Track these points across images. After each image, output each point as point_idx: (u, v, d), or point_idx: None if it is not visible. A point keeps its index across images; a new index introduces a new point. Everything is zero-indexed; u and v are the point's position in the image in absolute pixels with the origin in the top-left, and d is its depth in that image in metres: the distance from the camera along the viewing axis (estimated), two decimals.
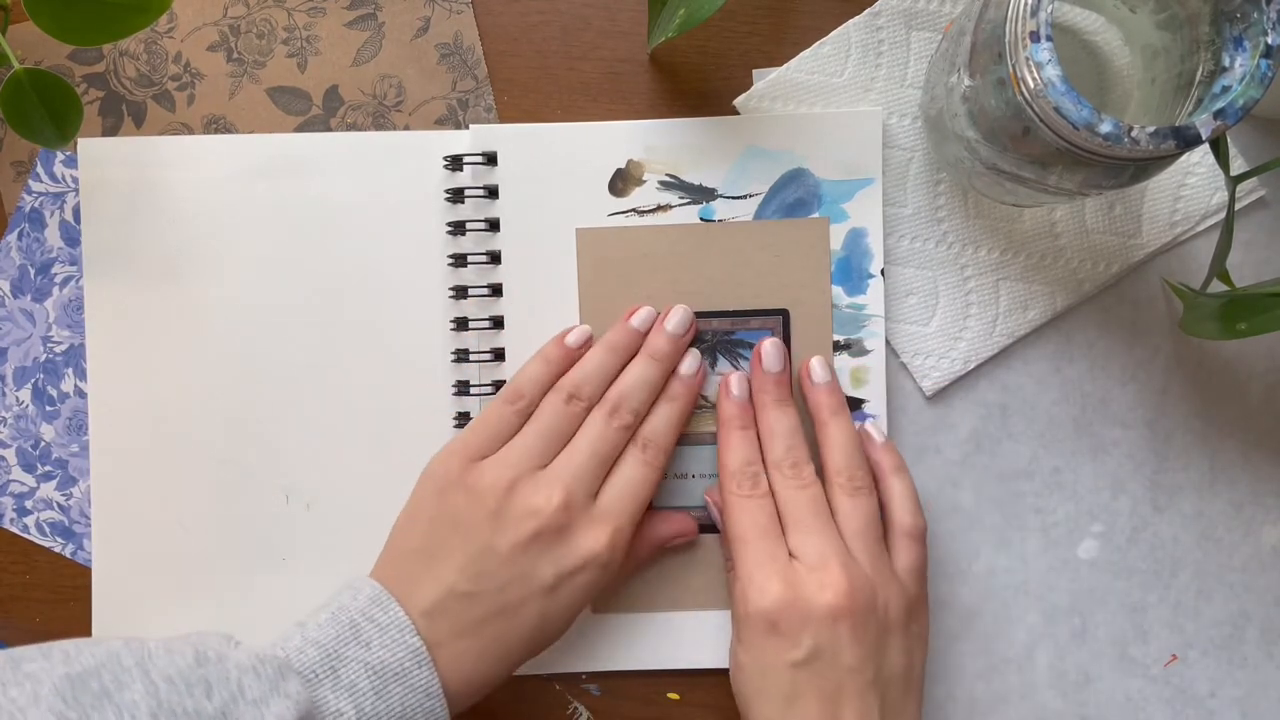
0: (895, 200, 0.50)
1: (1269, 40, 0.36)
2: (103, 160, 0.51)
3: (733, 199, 0.50)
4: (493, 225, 0.50)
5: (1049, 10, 0.36)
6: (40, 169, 0.51)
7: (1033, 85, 0.37)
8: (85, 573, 0.51)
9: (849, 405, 0.49)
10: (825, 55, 0.50)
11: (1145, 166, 0.40)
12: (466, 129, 0.51)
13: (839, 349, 0.50)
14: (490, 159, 0.50)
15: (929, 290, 0.50)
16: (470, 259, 0.50)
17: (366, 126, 0.51)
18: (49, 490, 0.51)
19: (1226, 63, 0.37)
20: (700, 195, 0.50)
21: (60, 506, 0.51)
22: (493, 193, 0.50)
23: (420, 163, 0.50)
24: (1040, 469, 0.50)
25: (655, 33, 0.48)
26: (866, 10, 0.50)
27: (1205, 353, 0.50)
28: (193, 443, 0.51)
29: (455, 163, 0.50)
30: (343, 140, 0.51)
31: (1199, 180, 0.49)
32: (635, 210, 0.50)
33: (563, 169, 0.50)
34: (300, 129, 0.51)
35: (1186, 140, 0.36)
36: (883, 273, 0.50)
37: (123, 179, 0.51)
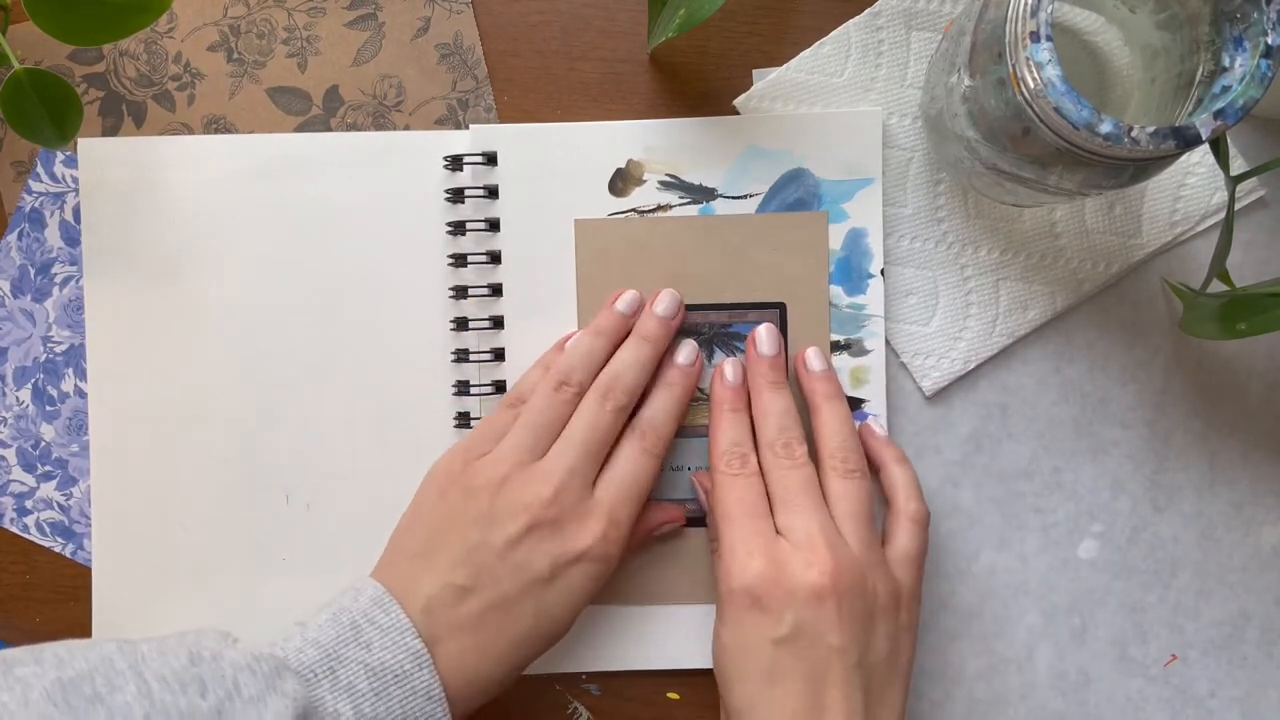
0: (895, 200, 0.50)
1: (1269, 40, 0.36)
2: (103, 160, 0.51)
3: (733, 199, 0.50)
4: (493, 225, 0.50)
5: (1049, 10, 0.36)
6: (40, 169, 0.51)
7: (1033, 85, 0.37)
8: (85, 573, 0.51)
9: (850, 405, 0.49)
10: (825, 55, 0.50)
11: (1145, 166, 0.40)
12: (466, 129, 0.51)
13: (839, 349, 0.50)
14: (490, 159, 0.50)
15: (929, 290, 0.50)
16: (470, 259, 0.50)
17: (366, 126, 0.51)
18: (49, 490, 0.51)
19: (1226, 63, 0.37)
20: (700, 195, 0.50)
21: (60, 506, 0.51)
22: (493, 193, 0.50)
23: (420, 163, 0.50)
24: (1040, 469, 0.50)
25: (655, 33, 0.48)
26: (866, 10, 0.50)
27: (1205, 353, 0.50)
28: (193, 443, 0.51)
29: (455, 163, 0.50)
30: (343, 140, 0.51)
31: (1199, 180, 0.49)
32: (635, 210, 0.50)
33: (563, 169, 0.50)
34: (300, 129, 0.51)
35: (1186, 140, 0.36)
36: (882, 273, 0.50)
37: (123, 179, 0.51)
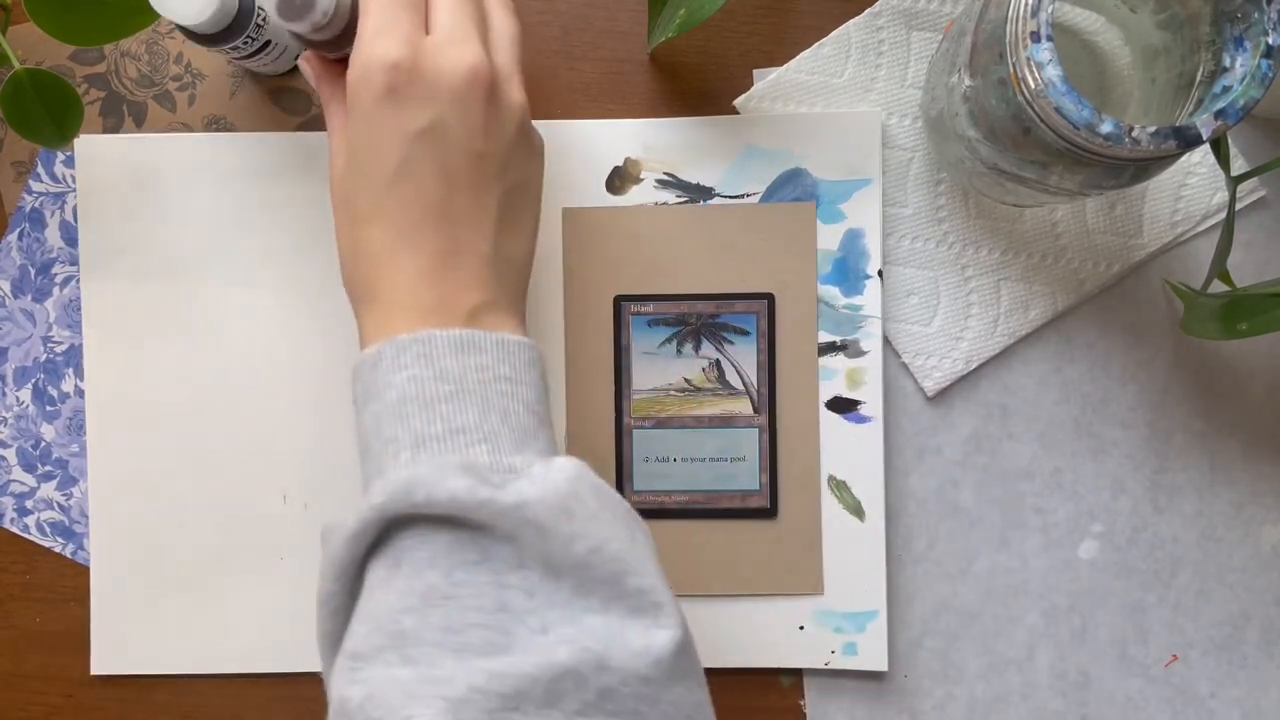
0: (896, 200, 0.50)
1: (1269, 40, 0.36)
2: (101, 158, 0.50)
3: (730, 198, 0.50)
4: None
5: (1049, 10, 0.36)
6: (41, 169, 0.51)
7: (1033, 85, 0.37)
8: (85, 572, 0.51)
9: (845, 407, 0.49)
10: (825, 55, 0.50)
11: (1146, 167, 0.39)
12: None
13: (835, 350, 0.50)
14: None
15: (930, 290, 0.50)
16: None
17: None
18: (49, 490, 0.51)
19: (1227, 63, 0.37)
20: (698, 194, 0.50)
21: (60, 506, 0.51)
22: None
23: None
24: (1041, 469, 0.50)
25: (655, 33, 0.47)
26: (867, 10, 0.50)
27: (1206, 353, 0.50)
28: (191, 442, 0.51)
29: None
30: None
31: (1200, 180, 0.49)
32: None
33: (560, 166, 0.50)
34: (301, 129, 0.51)
35: (1187, 140, 0.36)
36: (880, 274, 0.50)
37: (121, 177, 0.51)
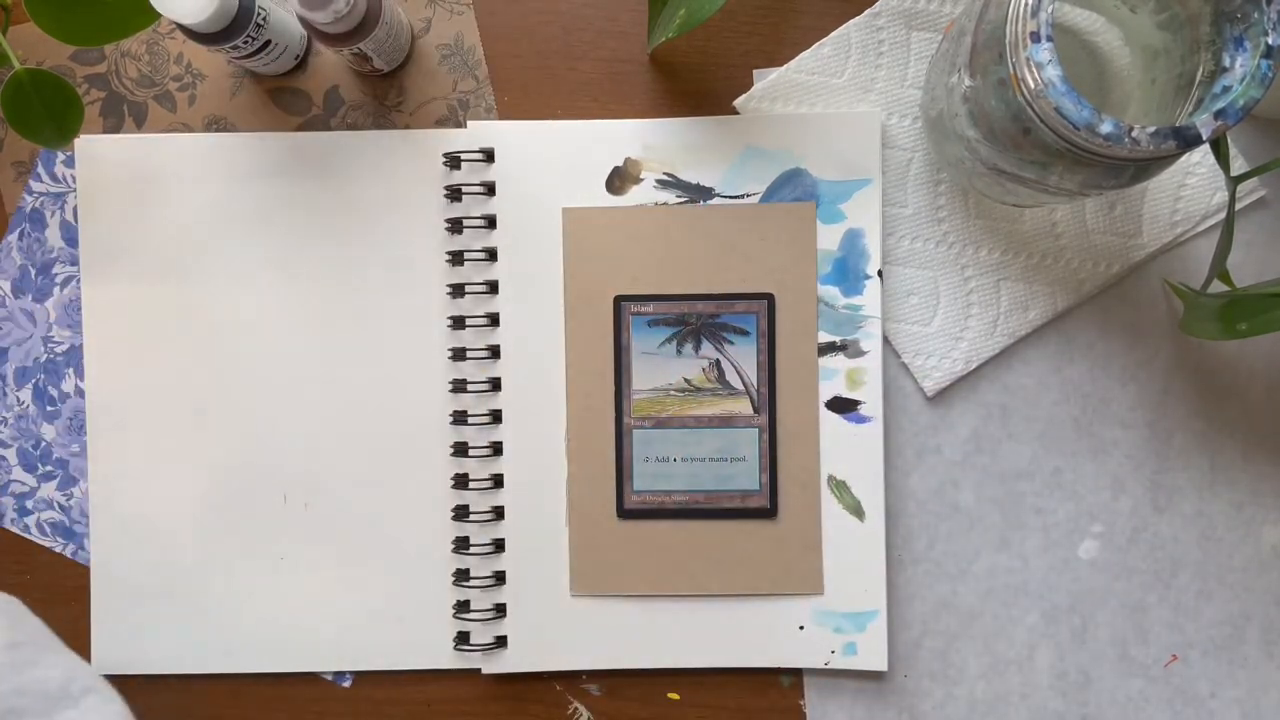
0: (896, 200, 0.50)
1: (1269, 40, 0.36)
2: (101, 158, 0.51)
3: (730, 198, 0.50)
4: (490, 222, 0.50)
5: (1049, 11, 0.36)
6: (41, 169, 0.51)
7: (1033, 85, 0.37)
8: (85, 572, 0.51)
9: (845, 407, 0.49)
10: (825, 56, 0.50)
11: (1146, 167, 0.39)
12: (466, 128, 0.51)
13: (835, 350, 0.50)
14: (488, 155, 0.50)
15: (930, 290, 0.50)
16: (467, 255, 0.50)
17: (366, 126, 0.51)
18: (49, 490, 0.51)
19: (1227, 63, 0.37)
20: (697, 194, 0.50)
21: (61, 506, 0.51)
22: (490, 189, 0.50)
23: (420, 161, 0.50)
24: (1041, 469, 0.50)
25: (655, 33, 0.48)
26: (866, 11, 0.50)
27: (1206, 353, 0.50)
28: (191, 442, 0.51)
29: (454, 161, 0.50)
30: (343, 140, 0.51)
31: (1199, 180, 0.49)
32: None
33: (560, 166, 0.50)
34: (301, 129, 0.51)
35: (1187, 140, 0.36)
36: (880, 274, 0.50)
37: (121, 177, 0.51)
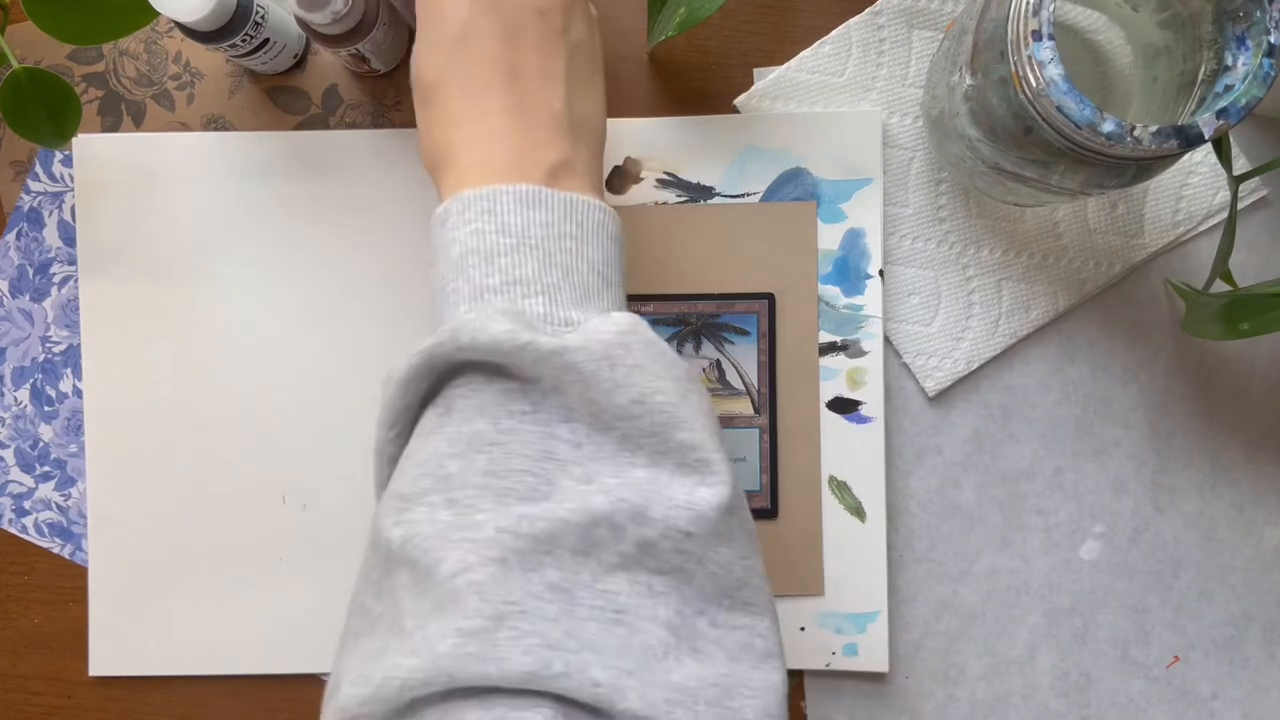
0: (897, 200, 0.50)
1: (1271, 39, 0.36)
2: (99, 157, 0.50)
3: (730, 198, 0.50)
4: None
5: (1051, 9, 0.36)
6: (39, 168, 0.51)
7: (1035, 84, 0.37)
8: (84, 573, 0.51)
9: (846, 407, 0.49)
10: (826, 54, 0.50)
11: (1148, 166, 0.39)
12: None
13: (836, 350, 0.49)
14: None
15: (931, 290, 0.50)
16: None
17: (365, 126, 0.51)
18: (47, 491, 0.51)
19: (1229, 62, 0.37)
20: (698, 193, 0.50)
21: (59, 507, 0.51)
22: None
23: (419, 161, 0.50)
24: (1042, 469, 0.50)
25: (655, 32, 0.47)
26: (867, 9, 0.50)
27: (1207, 353, 0.50)
28: (189, 443, 0.50)
29: None
30: (341, 139, 0.50)
31: (1201, 180, 0.49)
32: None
33: None
34: (299, 128, 0.51)
35: (1189, 140, 0.36)
36: (881, 273, 0.49)
37: (120, 177, 0.50)
